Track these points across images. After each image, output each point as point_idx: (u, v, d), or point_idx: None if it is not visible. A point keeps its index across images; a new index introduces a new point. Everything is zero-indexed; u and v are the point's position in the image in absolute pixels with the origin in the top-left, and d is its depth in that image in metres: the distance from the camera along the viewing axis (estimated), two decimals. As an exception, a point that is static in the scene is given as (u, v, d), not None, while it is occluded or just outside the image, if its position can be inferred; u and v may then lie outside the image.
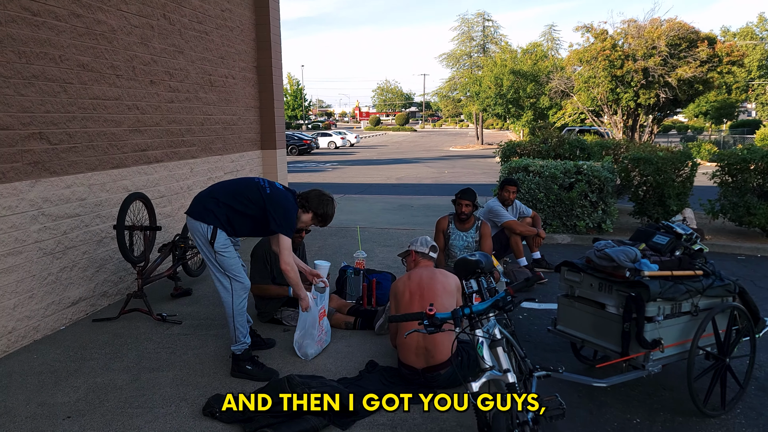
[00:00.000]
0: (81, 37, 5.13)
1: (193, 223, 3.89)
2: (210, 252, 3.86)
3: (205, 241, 3.84)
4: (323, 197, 4.14)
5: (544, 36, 54.77)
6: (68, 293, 4.99)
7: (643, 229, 3.96)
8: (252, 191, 3.90)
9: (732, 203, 8.81)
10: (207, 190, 4.03)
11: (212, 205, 3.88)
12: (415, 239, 4.19)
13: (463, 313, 2.42)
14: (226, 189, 3.96)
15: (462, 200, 5.99)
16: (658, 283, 3.49)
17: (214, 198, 3.91)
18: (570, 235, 8.68)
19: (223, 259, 3.87)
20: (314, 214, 4.12)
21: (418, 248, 4.11)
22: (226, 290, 3.92)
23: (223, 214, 3.87)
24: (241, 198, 3.89)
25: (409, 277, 3.93)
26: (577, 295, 3.89)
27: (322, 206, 4.12)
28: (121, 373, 4.02)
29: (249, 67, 8.52)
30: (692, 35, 23.85)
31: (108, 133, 5.51)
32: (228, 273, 3.89)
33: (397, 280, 4.05)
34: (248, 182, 3.98)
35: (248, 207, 3.88)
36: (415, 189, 16.65)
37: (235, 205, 3.88)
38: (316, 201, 4.11)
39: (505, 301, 2.39)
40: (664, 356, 3.54)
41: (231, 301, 3.91)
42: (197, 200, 3.95)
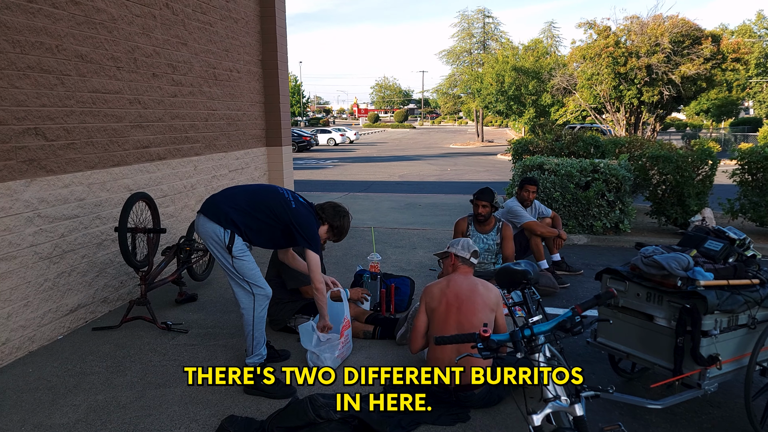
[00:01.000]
0: (79, 26, 4.79)
1: (208, 225, 3.60)
2: (226, 258, 3.59)
3: (221, 246, 3.58)
4: (339, 209, 4.01)
5: (544, 33, 54.46)
6: (66, 300, 4.67)
7: (692, 234, 3.65)
8: (277, 204, 3.68)
9: (752, 203, 8.52)
10: (227, 192, 3.74)
11: (231, 210, 3.62)
12: (456, 241, 3.80)
13: (523, 334, 2.11)
14: (250, 196, 3.70)
15: (479, 201, 5.66)
16: (715, 293, 3.18)
17: (235, 203, 3.65)
18: (587, 235, 8.38)
19: (241, 264, 3.60)
20: (330, 226, 3.98)
21: (459, 252, 3.71)
22: (247, 296, 3.66)
23: (242, 222, 3.62)
24: (265, 209, 3.66)
25: (448, 284, 3.55)
26: (622, 305, 3.58)
27: (338, 218, 3.98)
28: (125, 390, 3.70)
29: (254, 60, 8.19)
30: (696, 32, 23.60)
31: (108, 129, 5.18)
32: (248, 280, 3.63)
33: (432, 285, 3.67)
34: (273, 193, 3.75)
35: (270, 219, 3.67)
36: (419, 187, 16.34)
37: (257, 214, 3.64)
38: (332, 212, 3.97)
39: (572, 321, 2.08)
40: (721, 373, 3.24)
41: (252, 308, 3.64)
42: (214, 201, 3.67)
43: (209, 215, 3.60)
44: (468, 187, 16.26)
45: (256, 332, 3.63)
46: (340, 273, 6.33)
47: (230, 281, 3.66)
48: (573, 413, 2.15)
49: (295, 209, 3.69)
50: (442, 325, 3.41)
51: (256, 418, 3.30)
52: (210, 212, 3.61)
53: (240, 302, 3.64)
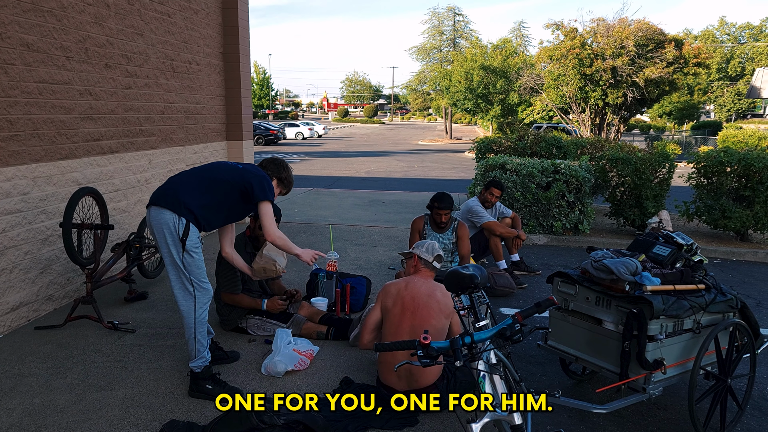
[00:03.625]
0: (26, 14, 4.60)
1: (161, 213, 3.42)
2: (177, 251, 3.42)
3: (174, 236, 3.40)
4: (276, 160, 4.11)
5: (513, 32, 54.93)
6: (7, 298, 4.49)
7: (642, 239, 3.68)
8: (226, 171, 3.64)
9: (707, 206, 8.71)
10: (173, 179, 3.59)
11: (184, 193, 3.47)
12: (422, 242, 3.74)
13: (463, 342, 2.08)
14: (198, 175, 3.60)
15: (441, 210, 5.58)
16: (661, 298, 3.21)
17: (186, 185, 3.51)
18: (546, 235, 8.46)
19: (191, 261, 3.45)
20: (278, 180, 4.05)
21: (423, 254, 3.65)
22: (187, 298, 3.49)
23: (199, 205, 3.48)
24: (218, 180, 3.58)
25: (406, 285, 3.49)
26: (572, 308, 3.59)
27: (282, 170, 4.08)
28: (64, 393, 3.57)
29: (215, 53, 8.02)
30: (659, 36, 24.07)
31: (56, 121, 4.99)
32: (193, 278, 3.48)
33: (391, 284, 3.60)
34: (220, 165, 3.72)
35: (226, 187, 3.58)
36: (385, 183, 16.30)
37: (211, 189, 3.55)
38: (274, 167, 4.06)
39: (512, 329, 2.05)
40: (666, 377, 3.27)
41: (193, 311, 3.49)
42: (166, 189, 3.52)
43: (162, 203, 3.44)
44: (434, 184, 16.29)
45: (198, 335, 3.51)
46: (298, 271, 6.25)
47: (172, 280, 3.50)
48: (512, 422, 2.13)
49: (244, 167, 3.70)
50: (395, 328, 3.37)
51: (198, 422, 3.21)
52: (162, 200, 3.45)
53: (179, 304, 3.50)
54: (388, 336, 3.38)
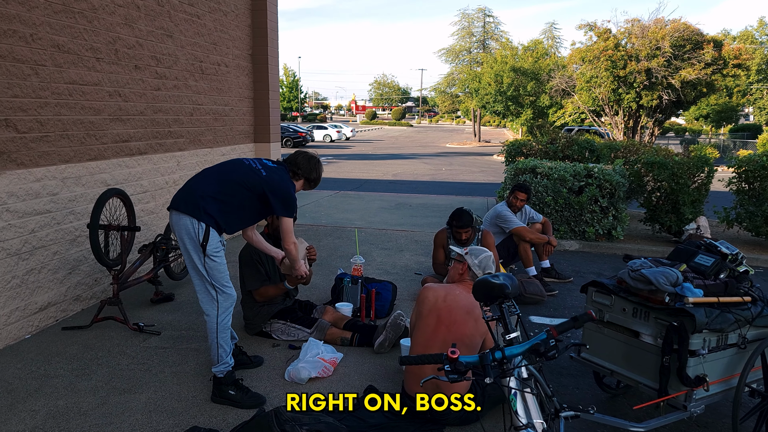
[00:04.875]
0: (57, 15, 4.62)
1: (181, 219, 3.38)
2: (199, 256, 3.38)
3: (195, 242, 3.36)
4: (312, 160, 3.85)
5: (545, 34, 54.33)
6: (35, 298, 4.50)
7: (683, 248, 3.51)
8: (248, 177, 3.51)
9: (749, 212, 8.40)
10: (191, 182, 3.53)
11: (202, 198, 3.40)
12: (478, 251, 3.48)
13: (494, 357, 1.96)
14: (217, 178, 3.50)
15: (459, 229, 5.43)
16: (704, 311, 3.04)
17: (205, 190, 3.44)
18: (578, 241, 8.25)
19: (213, 265, 3.40)
20: (306, 180, 3.86)
21: (474, 267, 3.40)
22: (210, 303, 3.45)
23: (217, 210, 3.42)
24: (237, 186, 3.48)
25: (445, 297, 3.30)
26: (607, 320, 3.44)
27: (313, 170, 3.85)
28: (88, 395, 3.54)
29: (243, 54, 8.02)
30: (697, 37, 23.48)
31: (85, 122, 5.01)
32: (215, 282, 3.43)
33: (429, 288, 3.40)
34: (239, 166, 3.58)
35: (245, 196, 3.50)
36: (412, 186, 16.19)
37: (230, 194, 3.46)
38: (306, 166, 3.82)
39: (547, 344, 1.93)
40: (708, 395, 3.10)
41: (215, 316, 3.44)
42: (184, 193, 3.47)
43: (182, 208, 3.40)
44: (462, 188, 16.12)
45: (220, 340, 3.45)
46: (323, 275, 6.18)
47: (196, 285, 3.47)
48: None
49: (267, 177, 3.54)
50: (427, 340, 3.23)
51: (220, 430, 3.15)
52: (182, 205, 3.41)
53: (203, 309, 3.47)
54: (418, 346, 3.26)
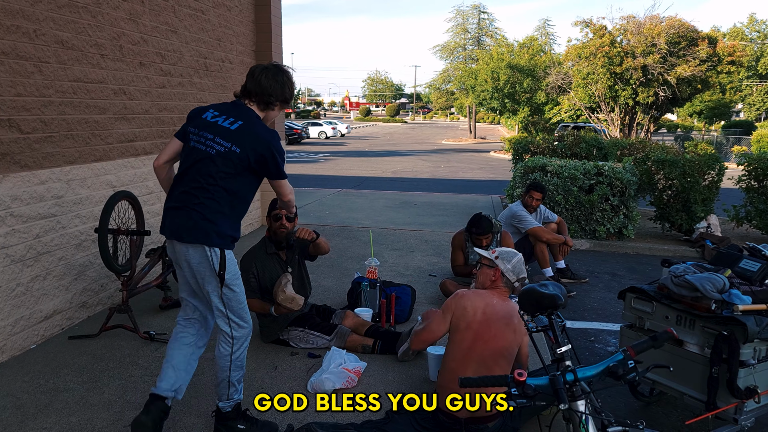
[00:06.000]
0: (60, 9, 4.42)
1: (187, 252, 2.86)
2: (216, 287, 2.87)
3: (211, 272, 2.84)
4: (280, 77, 2.97)
5: (539, 30, 54.21)
6: (41, 306, 4.31)
7: (726, 252, 3.36)
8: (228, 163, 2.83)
9: (759, 210, 8.30)
10: (184, 194, 2.88)
11: (211, 214, 2.83)
12: (509, 255, 3.28)
13: (565, 380, 1.81)
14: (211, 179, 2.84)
15: (479, 236, 5.27)
16: (754, 319, 2.90)
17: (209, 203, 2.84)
18: (589, 240, 8.12)
19: (232, 296, 2.91)
20: (282, 102, 3.03)
21: (508, 273, 3.22)
22: (225, 339, 2.96)
23: (229, 227, 2.88)
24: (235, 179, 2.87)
25: (484, 309, 3.07)
26: (647, 328, 3.29)
27: (286, 87, 3.00)
28: (101, 410, 3.36)
29: (247, 51, 7.82)
30: (692, 34, 23.47)
31: (90, 121, 4.81)
32: (233, 316, 2.94)
33: (465, 297, 3.15)
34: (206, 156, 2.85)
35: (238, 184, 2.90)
36: (413, 184, 16.02)
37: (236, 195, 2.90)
38: (277, 85, 2.95)
39: (625, 366, 1.77)
40: (759, 406, 2.96)
41: (230, 353, 2.96)
42: (182, 215, 2.86)
43: (186, 238, 2.84)
44: (462, 185, 15.98)
45: (233, 378, 2.98)
46: (336, 277, 6.01)
47: (207, 319, 3.07)
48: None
49: (241, 153, 2.82)
50: (463, 355, 3.04)
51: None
52: (185, 234, 2.84)
53: (219, 345, 3.00)
54: (454, 362, 3.09)
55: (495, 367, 3.02)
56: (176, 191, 2.94)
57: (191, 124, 2.99)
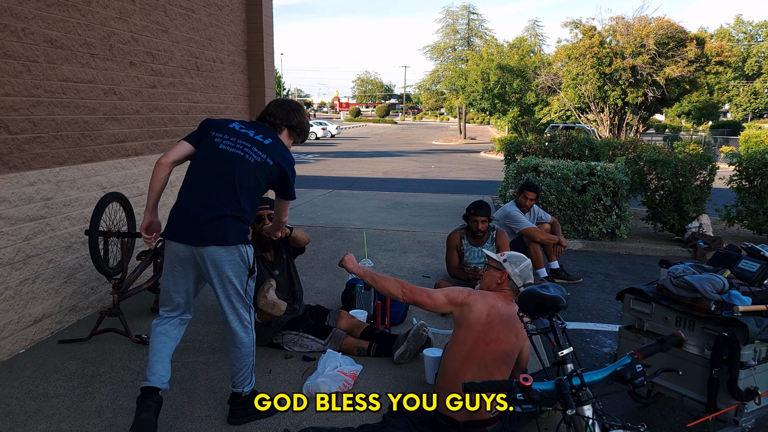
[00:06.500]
0: (49, 8, 4.34)
1: (223, 254, 2.93)
2: (242, 281, 3.04)
3: (243, 269, 3.02)
4: (286, 105, 3.24)
5: (528, 31, 54.36)
6: (30, 310, 4.23)
7: (725, 253, 3.35)
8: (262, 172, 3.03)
9: (750, 210, 8.35)
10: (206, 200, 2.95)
11: (240, 219, 2.98)
12: (518, 259, 3.23)
13: (572, 384, 1.78)
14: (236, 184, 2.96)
15: (477, 216, 5.30)
16: (754, 320, 2.89)
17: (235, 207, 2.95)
18: (582, 240, 8.12)
19: (253, 285, 3.15)
20: (289, 129, 3.23)
21: (515, 277, 3.17)
22: (246, 328, 3.13)
23: (247, 219, 3.02)
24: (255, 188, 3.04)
25: (489, 311, 3.02)
26: (646, 329, 3.27)
27: (293, 115, 3.22)
28: (93, 417, 3.29)
29: (239, 50, 7.75)
30: (680, 34, 23.62)
31: (80, 122, 4.73)
32: (251, 303, 3.18)
33: (476, 298, 3.10)
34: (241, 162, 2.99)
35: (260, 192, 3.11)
36: (404, 184, 15.99)
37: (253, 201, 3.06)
38: (282, 112, 3.20)
39: (633, 370, 1.74)
40: (759, 408, 2.95)
41: (252, 340, 3.18)
42: (211, 218, 2.91)
43: (217, 239, 2.90)
44: (454, 186, 15.97)
45: (253, 361, 3.25)
46: (329, 279, 5.96)
47: (229, 314, 3.07)
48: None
49: (273, 166, 3.04)
50: (465, 357, 2.99)
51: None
52: (214, 237, 2.90)
53: (237, 336, 3.12)
54: (453, 363, 3.05)
55: (495, 371, 2.98)
56: (203, 194, 2.97)
57: (215, 130, 3.10)
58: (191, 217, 2.93)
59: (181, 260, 3.03)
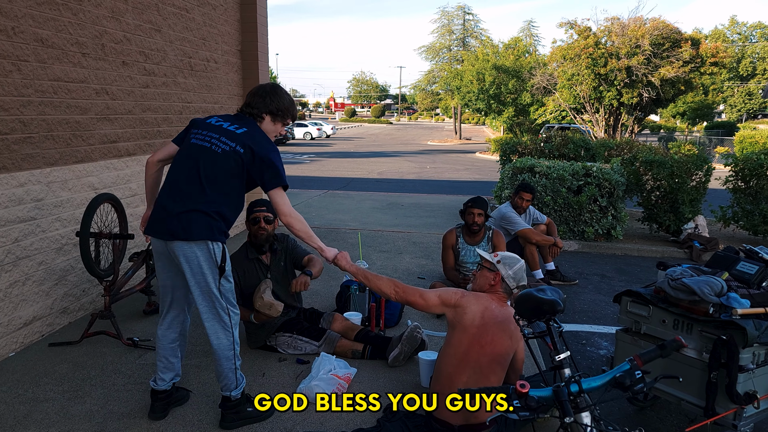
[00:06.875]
0: (40, 6, 4.28)
1: (189, 249, 2.89)
2: (214, 278, 2.96)
3: (212, 265, 2.94)
4: (261, 92, 3.12)
5: (523, 32, 54.41)
6: (20, 312, 4.17)
7: (723, 255, 3.32)
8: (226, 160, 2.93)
9: (745, 211, 8.34)
10: (174, 194, 2.95)
11: (208, 214, 2.91)
12: (511, 260, 3.17)
13: (570, 391, 1.74)
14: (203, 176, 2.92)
15: (474, 209, 5.31)
16: (753, 323, 2.86)
17: (203, 200, 2.91)
18: (577, 241, 8.10)
19: (228, 286, 3.04)
20: (272, 115, 3.13)
21: (508, 279, 3.12)
22: (223, 330, 3.05)
23: (224, 218, 2.96)
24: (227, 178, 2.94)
25: (482, 315, 2.98)
26: (644, 332, 3.24)
27: (271, 100, 3.11)
28: (83, 421, 3.24)
29: (233, 50, 7.70)
30: (675, 35, 23.66)
31: (71, 122, 4.68)
32: (229, 305, 3.06)
33: (470, 300, 3.05)
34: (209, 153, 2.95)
35: (237, 185, 2.99)
36: (399, 185, 15.95)
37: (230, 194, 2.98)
38: (260, 100, 3.10)
39: (632, 377, 1.70)
40: (757, 412, 2.92)
41: (232, 342, 3.08)
42: (179, 215, 2.89)
43: (184, 233, 2.87)
44: (449, 186, 15.94)
45: (237, 363, 3.12)
46: (323, 281, 5.92)
47: (204, 312, 3.03)
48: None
49: (244, 153, 2.93)
50: (459, 360, 2.95)
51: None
52: (181, 232, 2.87)
53: (213, 338, 3.05)
54: (448, 366, 3.01)
55: (490, 374, 2.95)
56: (173, 189, 2.99)
57: (195, 127, 3.12)
58: (164, 211, 2.95)
59: (159, 255, 3.09)
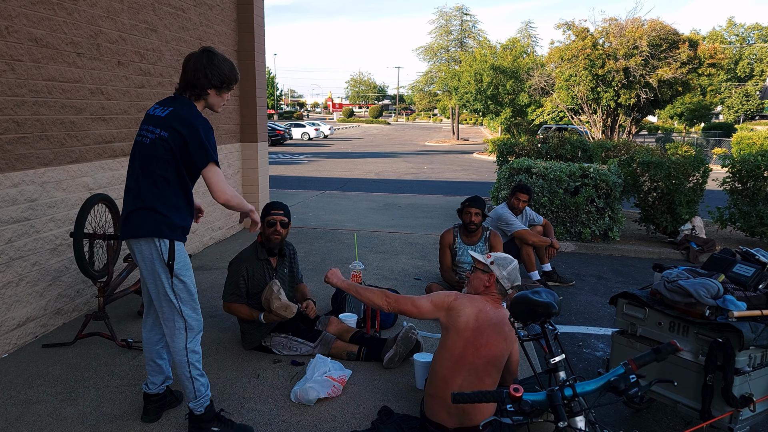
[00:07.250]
0: (34, 6, 4.26)
1: (140, 248, 2.87)
2: (165, 278, 2.87)
3: (160, 262, 2.85)
4: (198, 65, 2.86)
5: (521, 32, 54.41)
6: (13, 313, 4.14)
7: (719, 257, 3.31)
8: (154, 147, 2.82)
9: (742, 212, 8.34)
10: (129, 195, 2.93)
11: (146, 209, 2.84)
12: (505, 261, 3.14)
13: (564, 395, 1.72)
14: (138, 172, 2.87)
15: (471, 208, 5.31)
16: (750, 326, 2.85)
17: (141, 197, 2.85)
18: (574, 242, 8.09)
19: (182, 286, 2.91)
20: (215, 89, 2.92)
21: (503, 279, 3.09)
22: (178, 330, 2.92)
23: (170, 211, 2.85)
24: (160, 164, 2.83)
25: (476, 317, 2.95)
26: (640, 334, 3.23)
27: (209, 72, 2.87)
28: (76, 424, 3.22)
29: (229, 50, 7.67)
30: (673, 36, 23.70)
31: (66, 122, 4.65)
32: (184, 307, 2.92)
33: (462, 302, 3.03)
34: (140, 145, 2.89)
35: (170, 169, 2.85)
36: (396, 185, 15.94)
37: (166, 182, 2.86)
38: (201, 76, 2.86)
39: (627, 380, 1.69)
40: (753, 415, 2.91)
41: (184, 348, 2.94)
42: (128, 217, 2.90)
43: (133, 232, 2.85)
44: (446, 187, 15.93)
45: (194, 372, 2.96)
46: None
47: (161, 312, 2.95)
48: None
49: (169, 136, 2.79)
50: (454, 362, 2.94)
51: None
52: (128, 231, 2.87)
53: (169, 341, 2.96)
54: (443, 369, 2.99)
55: (485, 376, 2.93)
56: (125, 189, 3.00)
57: None
58: (123, 213, 2.97)
59: (134, 256, 3.02)
